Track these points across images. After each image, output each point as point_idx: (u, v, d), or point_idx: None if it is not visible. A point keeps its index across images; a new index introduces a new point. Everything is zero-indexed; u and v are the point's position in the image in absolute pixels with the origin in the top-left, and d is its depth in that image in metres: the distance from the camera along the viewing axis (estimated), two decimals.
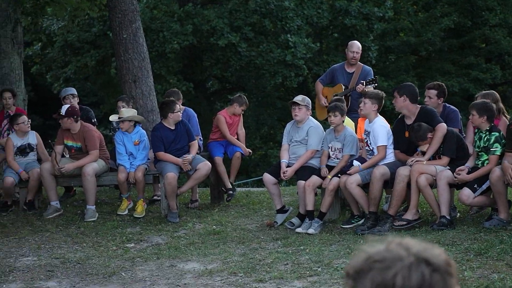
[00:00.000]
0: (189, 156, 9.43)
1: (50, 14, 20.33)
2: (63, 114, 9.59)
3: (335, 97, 9.66)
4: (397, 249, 1.61)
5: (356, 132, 8.96)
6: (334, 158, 8.76)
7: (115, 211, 9.86)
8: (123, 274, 7.14)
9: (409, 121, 8.39)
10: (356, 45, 10.28)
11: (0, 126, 10.79)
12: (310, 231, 8.36)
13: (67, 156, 9.93)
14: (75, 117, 9.66)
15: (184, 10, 21.03)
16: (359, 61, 10.24)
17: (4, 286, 6.84)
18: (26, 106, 12.36)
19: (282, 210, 9.02)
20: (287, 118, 20.75)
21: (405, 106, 8.34)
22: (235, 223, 9.18)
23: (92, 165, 9.62)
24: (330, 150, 8.78)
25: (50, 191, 9.70)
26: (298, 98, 9.03)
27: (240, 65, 21.78)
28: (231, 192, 10.14)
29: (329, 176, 8.53)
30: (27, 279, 7.04)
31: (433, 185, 8.12)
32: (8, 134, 10.35)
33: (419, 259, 1.59)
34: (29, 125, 10.12)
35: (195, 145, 9.71)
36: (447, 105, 8.93)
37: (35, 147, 10.12)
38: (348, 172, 8.43)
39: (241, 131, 10.58)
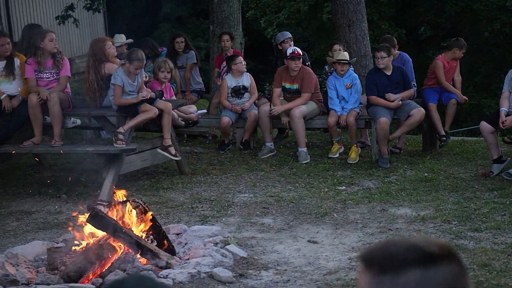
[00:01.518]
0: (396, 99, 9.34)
1: None
2: (300, 53, 9.84)
3: None
4: None
5: None
6: None
7: (326, 154, 9.98)
8: (335, 215, 7.27)
9: None
10: None
11: (219, 68, 11.25)
12: None
13: (282, 97, 10.16)
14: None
15: None
16: None
17: (224, 219, 7.22)
18: (243, 50, 12.73)
19: (499, 160, 8.67)
20: (504, 67, 19.73)
21: None
22: (448, 171, 8.97)
23: (300, 108, 9.75)
24: None
25: (266, 132, 10.01)
26: None
27: (455, 11, 20.95)
28: (444, 138, 9.90)
29: None
30: (244, 214, 7.38)
31: None
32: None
33: None
34: (245, 66, 10.44)
35: (410, 92, 9.56)
36: None
37: (249, 88, 10.42)
38: None
39: (458, 78, 10.26)
